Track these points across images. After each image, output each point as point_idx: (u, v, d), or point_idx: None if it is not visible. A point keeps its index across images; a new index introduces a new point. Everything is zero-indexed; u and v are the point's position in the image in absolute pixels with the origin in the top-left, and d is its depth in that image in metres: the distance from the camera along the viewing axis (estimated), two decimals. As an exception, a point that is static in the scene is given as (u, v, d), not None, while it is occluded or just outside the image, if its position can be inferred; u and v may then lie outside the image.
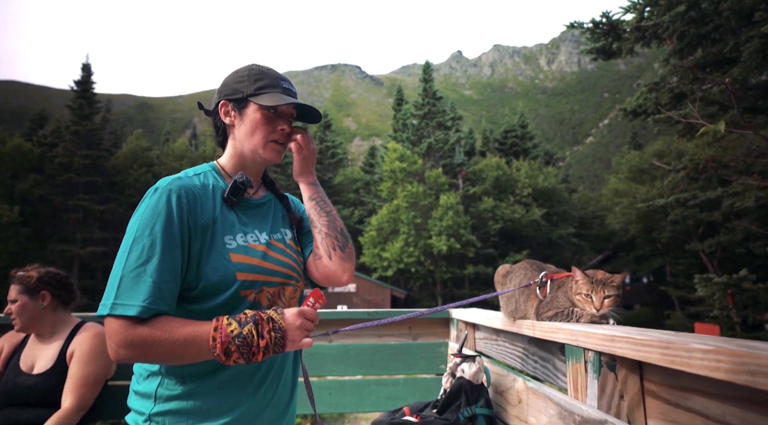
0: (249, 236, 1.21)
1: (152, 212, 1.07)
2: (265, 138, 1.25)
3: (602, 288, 1.39)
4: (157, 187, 1.13)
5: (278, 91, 1.25)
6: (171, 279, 1.05)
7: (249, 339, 1.01)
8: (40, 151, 31.90)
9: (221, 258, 1.12)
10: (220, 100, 1.28)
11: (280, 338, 1.04)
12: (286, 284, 1.25)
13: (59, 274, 2.00)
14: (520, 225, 30.72)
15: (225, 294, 1.11)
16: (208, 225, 1.14)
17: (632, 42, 6.90)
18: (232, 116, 1.26)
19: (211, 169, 1.28)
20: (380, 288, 27.95)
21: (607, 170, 64.97)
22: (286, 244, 1.31)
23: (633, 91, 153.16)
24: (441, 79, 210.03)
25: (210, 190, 1.21)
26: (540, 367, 1.69)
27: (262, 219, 1.30)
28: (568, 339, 1.31)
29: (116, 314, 0.99)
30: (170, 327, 1.01)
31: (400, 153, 29.86)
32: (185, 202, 1.11)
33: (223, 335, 1.00)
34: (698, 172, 6.08)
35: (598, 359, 1.19)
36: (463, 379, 1.73)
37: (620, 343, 1.06)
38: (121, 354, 1.00)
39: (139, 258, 1.03)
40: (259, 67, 1.30)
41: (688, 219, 22.21)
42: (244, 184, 1.22)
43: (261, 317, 1.04)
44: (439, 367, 2.58)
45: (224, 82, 1.30)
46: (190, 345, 1.01)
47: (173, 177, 1.17)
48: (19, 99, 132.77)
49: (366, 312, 2.64)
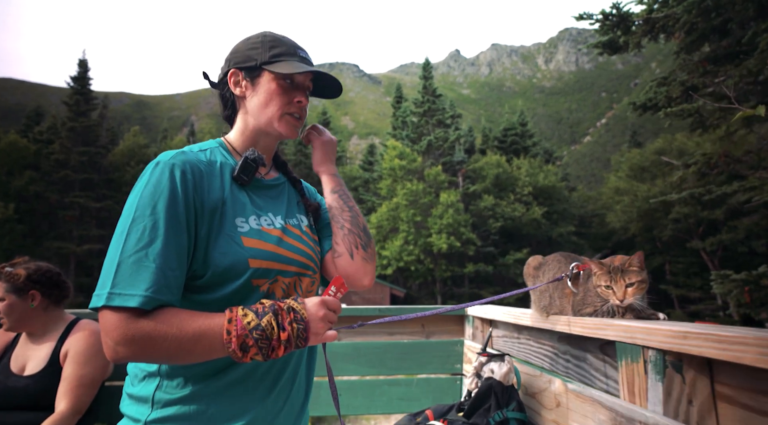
0: (263, 219, 1.08)
1: (154, 189, 0.93)
2: (281, 110, 1.12)
3: (621, 276, 1.25)
4: (159, 161, 0.98)
5: (295, 59, 1.13)
6: (177, 266, 0.92)
7: (269, 331, 0.89)
8: (36, 148, 31.73)
9: (232, 242, 0.99)
10: (229, 68, 1.14)
11: (302, 330, 0.92)
12: (303, 275, 1.11)
13: (50, 271, 1.84)
14: (520, 223, 30.66)
15: (235, 283, 0.98)
16: (216, 206, 1.00)
17: (640, 35, 6.79)
18: (243, 86, 1.13)
19: (218, 146, 1.14)
20: (379, 286, 27.84)
21: (605, 169, 65.06)
22: (302, 231, 1.17)
23: (630, 91, 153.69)
24: (439, 78, 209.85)
25: (218, 168, 1.07)
26: (573, 367, 1.54)
27: (275, 202, 1.17)
28: (621, 336, 1.16)
29: (114, 305, 0.85)
30: (177, 319, 0.88)
31: (399, 150, 29.76)
32: (191, 178, 0.97)
33: (239, 327, 0.87)
34: (710, 167, 5.97)
35: (661, 359, 1.05)
36: (492, 380, 1.58)
37: (696, 341, 0.92)
38: (120, 353, 0.86)
39: (139, 241, 0.89)
40: (273, 34, 1.17)
41: (690, 217, 22.16)
42: (255, 161, 1.09)
43: (280, 307, 0.92)
44: (454, 367, 2.45)
45: (234, 49, 1.16)
46: (201, 340, 0.87)
47: (176, 151, 1.02)
48: (16, 96, 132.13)
49: (377, 309, 2.51)
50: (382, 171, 31.98)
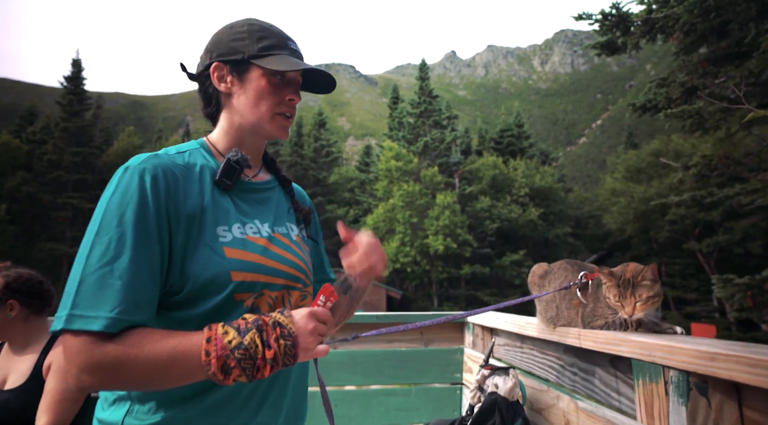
0: (248, 227, 0.99)
1: (122, 197, 0.85)
2: (272, 109, 1.02)
3: (632, 291, 1.17)
4: (128, 165, 0.89)
5: (286, 52, 1.03)
6: (148, 281, 0.83)
7: (252, 350, 0.80)
8: (29, 148, 31.53)
9: (212, 253, 0.90)
10: (211, 61, 1.03)
11: (290, 346, 0.83)
12: (292, 288, 1.01)
13: (31, 280, 1.74)
14: (516, 224, 30.65)
15: (217, 298, 0.89)
16: (194, 213, 0.91)
17: (638, 36, 6.76)
18: (229, 82, 1.02)
19: (199, 147, 1.04)
20: (375, 288, 27.73)
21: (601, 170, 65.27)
22: (292, 240, 1.07)
23: (625, 92, 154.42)
24: (435, 79, 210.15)
25: (197, 171, 0.97)
26: (580, 380, 1.47)
27: (263, 208, 1.07)
28: (638, 353, 1.08)
29: (75, 329, 0.77)
30: (149, 341, 0.79)
31: (395, 151, 29.70)
32: (163, 184, 0.88)
33: (219, 347, 0.79)
34: (710, 170, 5.92)
35: (685, 380, 0.97)
36: (497, 395, 1.50)
37: (726, 363, 0.84)
38: (84, 381, 0.77)
39: (104, 255, 0.80)
40: (259, 22, 1.06)
41: (686, 218, 22.20)
42: (239, 162, 1.00)
43: (265, 321, 0.83)
44: (453, 376, 2.38)
45: (216, 38, 1.05)
46: (177, 364, 0.79)
47: (149, 154, 0.93)
48: (10, 96, 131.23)
49: (374, 316, 2.44)
50: (378, 172, 31.91)
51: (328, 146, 41.55)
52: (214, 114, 1.08)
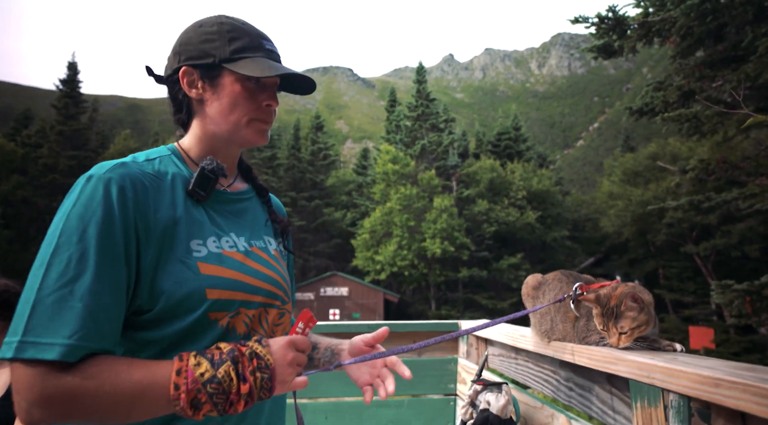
0: (224, 241, 0.91)
1: (84, 209, 0.77)
2: (248, 115, 0.95)
3: (614, 322, 1.10)
4: (92, 174, 0.81)
5: (261, 54, 0.95)
6: (112, 304, 0.75)
7: (226, 384, 0.74)
8: (24, 152, 31.38)
9: (186, 269, 0.83)
10: (180, 65, 0.95)
11: (267, 379, 0.77)
12: (270, 305, 0.94)
13: (7, 291, 1.65)
14: (514, 228, 30.64)
15: (189, 317, 0.82)
16: (166, 227, 0.84)
17: (635, 39, 6.74)
18: (200, 88, 0.95)
19: (170, 153, 0.96)
20: (373, 291, 27.69)
21: (598, 173, 65.42)
22: (270, 255, 1.00)
23: (622, 95, 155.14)
24: (433, 82, 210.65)
25: (168, 181, 0.90)
26: (576, 396, 1.41)
27: (239, 220, 1.00)
28: (636, 374, 1.02)
29: (26, 358, 0.68)
30: (112, 372, 0.71)
31: (392, 155, 29.70)
32: (131, 196, 0.81)
33: (190, 380, 0.72)
34: (707, 174, 5.89)
35: (686, 405, 0.90)
36: (489, 413, 1.44)
37: (730, 391, 0.78)
38: (35, 416, 0.69)
39: (63, 275, 0.72)
40: (230, 19, 0.97)
41: (683, 222, 22.22)
42: (214, 171, 0.92)
43: (241, 352, 0.77)
44: (447, 387, 2.32)
45: (184, 39, 0.96)
46: (142, 397, 0.71)
47: (115, 162, 0.85)
48: (6, 99, 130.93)
49: (367, 325, 2.38)
50: (376, 175, 31.90)
51: (326, 149, 41.54)
52: (185, 121, 1.00)
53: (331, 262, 37.04)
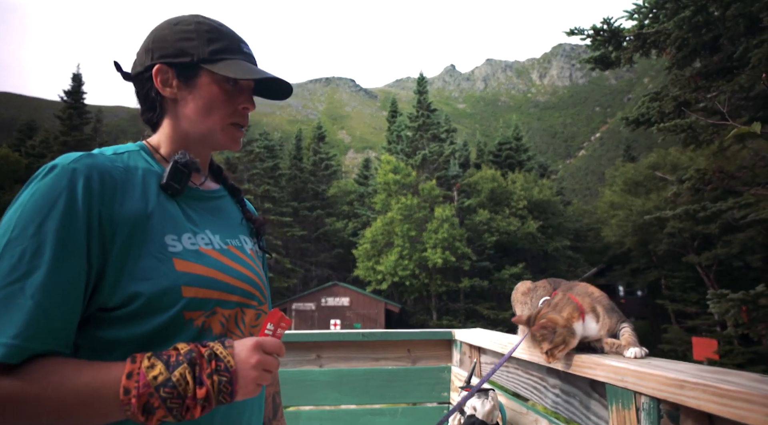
0: (199, 237, 0.88)
1: (42, 200, 0.72)
2: (224, 119, 0.93)
3: (539, 344, 1.19)
4: (55, 164, 0.76)
5: (239, 57, 0.94)
6: (67, 302, 0.70)
7: (181, 387, 0.69)
8: (28, 162, 31.54)
9: (160, 265, 0.79)
10: (153, 62, 0.90)
11: (226, 383, 0.72)
12: (246, 305, 0.91)
13: None
14: (515, 237, 30.59)
15: (162, 316, 0.77)
16: (136, 220, 0.79)
17: (631, 51, 6.81)
18: (174, 86, 0.91)
19: (139, 150, 0.92)
20: (374, 301, 27.59)
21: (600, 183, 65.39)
22: (246, 253, 0.98)
23: (624, 105, 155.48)
24: (434, 93, 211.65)
25: (138, 175, 0.85)
26: (562, 402, 1.44)
27: (213, 218, 0.96)
28: (611, 378, 1.06)
29: None
30: (57, 376, 0.67)
31: (393, 165, 29.76)
32: (98, 188, 0.76)
33: (142, 384, 0.68)
34: (704, 183, 5.92)
35: (655, 407, 0.94)
36: (475, 419, 1.47)
37: (693, 392, 0.81)
38: None
39: (14, 270, 0.67)
40: (208, 20, 0.94)
41: (684, 231, 22.15)
42: (187, 165, 0.89)
43: (200, 353, 0.73)
44: (441, 395, 2.34)
45: (158, 36, 0.92)
46: (89, 403, 0.67)
47: (82, 153, 0.80)
48: (11, 110, 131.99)
49: (360, 334, 2.40)
50: (377, 185, 31.95)
51: (328, 159, 41.70)
52: (155, 120, 0.97)
53: (333, 272, 36.99)
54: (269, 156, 35.57)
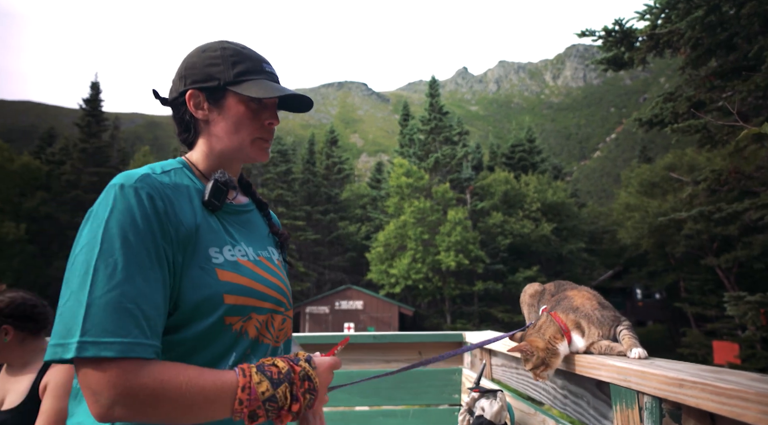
0: (237, 249, 0.97)
1: (122, 216, 0.81)
2: (252, 135, 1.03)
3: (525, 364, 1.25)
4: (122, 183, 0.85)
5: (262, 77, 1.02)
6: (161, 303, 0.81)
7: (281, 402, 0.81)
8: (48, 169, 32.16)
9: (205, 275, 0.88)
10: (186, 88, 1.01)
11: (312, 400, 0.86)
12: (276, 311, 1.01)
13: (24, 304, 1.75)
14: (529, 240, 30.35)
15: (206, 321, 0.87)
16: (188, 234, 0.89)
17: (644, 51, 6.75)
18: (206, 109, 1.01)
19: (182, 167, 1.02)
20: (388, 305, 27.57)
21: (616, 184, 64.56)
22: (274, 264, 1.08)
23: (639, 106, 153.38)
24: (447, 95, 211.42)
25: (185, 191, 0.95)
26: (571, 403, 1.45)
27: (246, 231, 1.06)
28: (615, 378, 1.07)
29: (90, 356, 0.72)
30: (187, 375, 0.77)
31: (406, 168, 29.76)
32: (161, 204, 0.86)
33: (254, 398, 0.79)
34: (720, 184, 5.82)
35: (657, 406, 0.95)
36: (483, 419, 1.49)
37: (692, 390, 0.83)
38: (116, 413, 0.72)
39: (111, 278, 0.76)
40: (232, 44, 1.04)
41: (702, 233, 21.76)
42: (226, 183, 0.99)
43: (296, 372, 0.85)
44: (452, 397, 2.35)
45: (189, 63, 1.02)
46: (212, 404, 0.78)
47: (139, 173, 0.89)
48: (30, 118, 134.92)
49: (372, 336, 2.43)
50: (389, 189, 31.97)
51: (340, 163, 41.87)
52: (191, 140, 1.07)
53: (346, 276, 37.06)
54: (282, 160, 35.84)
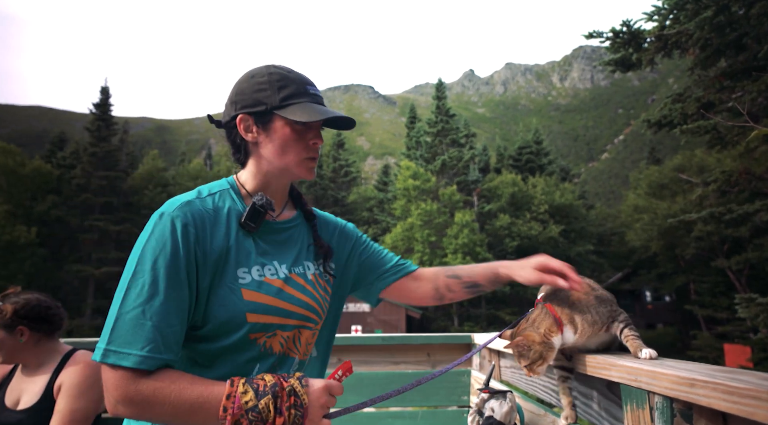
0: (267, 269, 1.05)
1: (156, 243, 0.93)
2: (299, 155, 1.10)
3: (520, 360, 1.22)
4: (163, 212, 0.98)
5: (306, 100, 1.09)
6: (176, 323, 0.91)
7: (264, 414, 0.86)
8: (59, 173, 32.53)
9: (231, 294, 0.98)
10: (237, 113, 1.09)
11: (299, 417, 0.88)
12: (303, 327, 1.08)
13: (39, 306, 1.78)
14: (537, 242, 30.21)
15: (232, 337, 0.97)
16: (219, 256, 0.99)
17: (653, 52, 6.71)
18: (255, 132, 1.09)
19: (229, 188, 1.12)
20: (395, 307, 27.53)
21: (624, 186, 64.16)
22: (307, 280, 1.12)
23: (647, 107, 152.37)
24: (453, 98, 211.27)
25: (224, 214, 1.05)
26: (580, 404, 1.44)
27: (284, 248, 1.13)
28: (625, 378, 1.07)
29: (109, 363, 0.86)
30: (178, 386, 0.87)
31: (413, 170, 29.77)
32: (193, 231, 0.96)
33: (236, 406, 0.85)
34: (730, 185, 5.77)
35: (669, 406, 0.95)
36: (493, 420, 1.49)
37: (703, 390, 0.83)
38: (119, 411, 0.87)
39: (138, 296, 0.89)
40: (278, 69, 1.11)
41: (713, 235, 21.53)
42: (264, 207, 1.06)
43: (282, 387, 0.89)
44: (461, 399, 2.35)
45: (239, 89, 1.10)
46: (198, 412, 0.86)
47: (183, 200, 1.01)
48: (42, 123, 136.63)
49: (380, 338, 2.44)
50: (396, 191, 31.99)
51: (347, 166, 41.95)
52: (243, 160, 1.15)
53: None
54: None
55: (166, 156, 70.37)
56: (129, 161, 37.29)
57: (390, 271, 1.35)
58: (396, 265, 1.37)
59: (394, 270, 1.35)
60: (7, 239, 26.82)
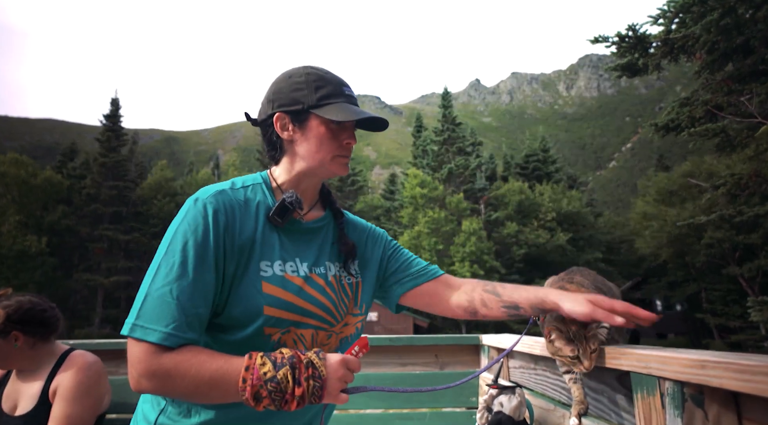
0: (288, 265, 1.06)
1: (188, 226, 0.97)
2: (333, 153, 1.11)
3: (586, 342, 1.13)
4: (198, 197, 1.01)
5: (342, 100, 1.11)
6: (201, 304, 0.93)
7: (283, 384, 0.87)
8: (69, 183, 32.92)
9: (251, 286, 0.99)
10: (274, 111, 1.11)
11: (318, 388, 0.89)
12: (319, 328, 1.07)
13: (33, 309, 1.69)
14: (544, 250, 30.04)
15: (247, 328, 0.98)
16: (244, 246, 1.01)
17: (659, 57, 6.70)
18: (291, 130, 1.11)
19: (262, 182, 1.15)
20: (402, 316, 27.39)
21: (632, 194, 63.74)
22: (326, 281, 1.12)
23: (655, 115, 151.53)
24: (460, 107, 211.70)
25: (253, 206, 1.08)
26: (591, 401, 1.43)
27: (307, 247, 1.13)
28: (635, 366, 1.06)
29: (135, 337, 0.88)
30: (197, 360, 0.88)
31: (420, 179, 29.81)
32: (223, 219, 0.99)
33: (255, 377, 0.86)
34: (740, 188, 5.71)
35: (679, 391, 0.94)
36: (502, 414, 1.48)
37: (714, 371, 0.82)
38: (142, 385, 0.88)
39: (167, 275, 0.92)
40: (315, 70, 1.14)
41: (724, 241, 21.26)
42: (293, 204, 1.07)
43: (300, 359, 0.90)
44: (469, 400, 2.32)
45: (277, 88, 1.13)
46: (218, 385, 0.88)
47: (217, 189, 1.05)
48: (54, 135, 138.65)
49: (388, 339, 2.43)
50: (404, 200, 32.01)
51: (354, 175, 42.06)
52: (277, 158, 1.16)
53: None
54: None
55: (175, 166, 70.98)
56: (138, 171, 37.68)
57: (410, 276, 1.32)
58: (419, 270, 1.33)
59: (415, 275, 1.32)
60: (19, 248, 27.10)
